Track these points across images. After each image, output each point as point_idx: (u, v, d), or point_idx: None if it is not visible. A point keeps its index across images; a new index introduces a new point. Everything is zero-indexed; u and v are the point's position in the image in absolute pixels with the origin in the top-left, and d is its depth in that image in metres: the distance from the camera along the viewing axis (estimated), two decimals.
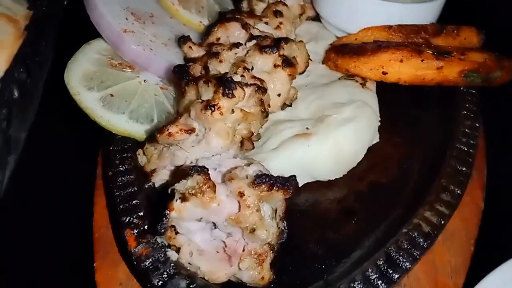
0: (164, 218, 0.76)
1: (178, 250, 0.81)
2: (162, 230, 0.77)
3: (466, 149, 1.04)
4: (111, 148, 0.97)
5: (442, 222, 0.88)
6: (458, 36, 1.26)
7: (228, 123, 0.89)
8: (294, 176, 0.84)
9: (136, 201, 0.88)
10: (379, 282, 0.80)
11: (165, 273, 0.77)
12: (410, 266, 0.81)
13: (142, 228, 0.83)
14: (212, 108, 0.85)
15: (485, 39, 1.29)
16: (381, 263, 0.82)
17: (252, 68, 1.07)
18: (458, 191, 0.95)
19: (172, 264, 0.79)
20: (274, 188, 0.79)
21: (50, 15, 1.09)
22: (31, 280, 0.88)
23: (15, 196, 0.95)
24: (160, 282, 0.76)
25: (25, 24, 1.01)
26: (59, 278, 0.90)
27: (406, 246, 0.84)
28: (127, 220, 0.85)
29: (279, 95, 1.09)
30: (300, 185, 1.05)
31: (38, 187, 1.00)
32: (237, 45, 1.12)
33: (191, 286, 0.77)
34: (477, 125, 1.11)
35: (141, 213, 0.86)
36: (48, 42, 1.11)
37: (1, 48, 0.93)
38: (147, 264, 0.78)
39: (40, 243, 0.93)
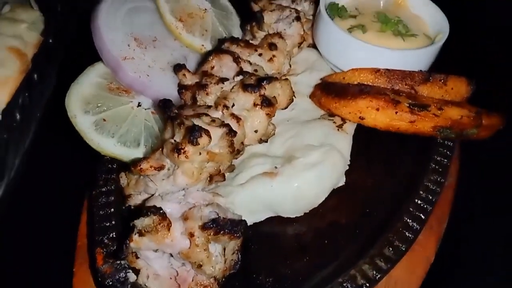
0: (125, 247, 0.90)
1: (137, 273, 0.94)
2: (123, 256, 0.90)
3: (422, 204, 1.09)
4: (97, 168, 1.10)
5: (378, 277, 0.96)
6: (445, 86, 1.27)
7: (194, 163, 0.99)
8: (244, 221, 0.94)
9: (110, 222, 1.02)
10: None
11: None
12: None
13: (110, 249, 0.97)
14: (179, 152, 0.95)
15: (475, 89, 1.30)
16: None
17: (233, 105, 1.16)
18: (403, 247, 1.02)
19: (129, 285, 0.92)
20: (221, 232, 0.89)
21: (59, 41, 1.22)
22: (19, 276, 1.05)
23: (13, 203, 1.12)
24: None
25: (33, 54, 1.15)
26: (45, 277, 1.06)
27: None
28: (99, 239, 0.99)
29: (256, 131, 1.18)
30: (262, 219, 1.15)
31: (36, 196, 1.16)
32: (223, 80, 1.21)
33: None
34: (442, 180, 1.15)
35: (113, 234, 1.00)
36: (53, 66, 1.24)
37: (6, 83, 1.07)
38: (108, 282, 0.92)
39: (33, 245, 1.10)
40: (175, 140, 1.00)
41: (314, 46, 1.50)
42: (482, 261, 1.17)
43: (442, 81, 1.27)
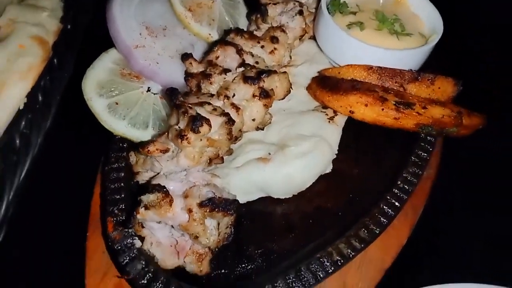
0: (132, 218, 1.04)
1: (142, 240, 1.09)
2: (130, 226, 1.05)
3: (399, 193, 1.21)
4: (110, 147, 1.24)
5: (351, 255, 1.10)
6: (432, 85, 1.37)
7: (196, 148, 1.12)
8: (237, 201, 1.08)
9: (120, 195, 1.16)
10: None
11: (129, 256, 1.06)
12: (313, 284, 1.05)
13: (120, 218, 1.12)
14: (182, 138, 1.08)
15: (462, 90, 1.39)
16: (289, 278, 1.06)
17: (234, 95, 1.27)
18: (377, 231, 1.15)
19: (135, 250, 1.07)
20: (216, 210, 1.03)
21: (77, 27, 1.33)
22: (40, 237, 1.21)
23: (37, 175, 1.27)
24: (124, 262, 1.05)
25: (54, 41, 1.26)
26: (62, 240, 1.22)
27: (314, 269, 1.07)
28: (110, 209, 1.13)
29: (253, 120, 1.30)
30: (254, 198, 1.28)
31: (57, 170, 1.30)
32: (226, 71, 1.32)
33: (145, 268, 1.05)
34: (420, 172, 1.26)
35: (122, 206, 1.14)
36: (72, 52, 1.35)
37: (30, 71, 1.18)
38: (117, 246, 1.07)
39: (52, 212, 1.25)
40: (179, 127, 1.12)
41: (315, 38, 1.58)
42: (461, 255, 1.25)
43: (430, 80, 1.36)
